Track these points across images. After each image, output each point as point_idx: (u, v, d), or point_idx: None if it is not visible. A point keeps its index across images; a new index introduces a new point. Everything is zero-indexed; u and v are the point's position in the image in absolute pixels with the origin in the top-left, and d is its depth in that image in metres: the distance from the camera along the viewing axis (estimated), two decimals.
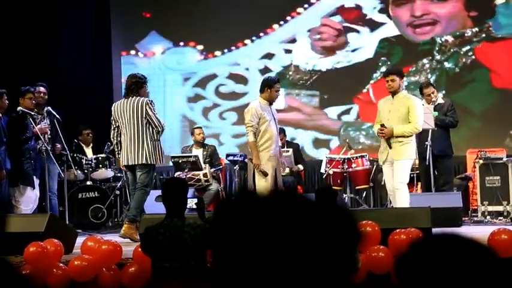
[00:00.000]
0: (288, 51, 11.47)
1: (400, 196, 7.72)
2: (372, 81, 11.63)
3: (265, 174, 8.12)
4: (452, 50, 11.40)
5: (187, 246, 4.65)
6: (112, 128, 8.32)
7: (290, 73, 11.67)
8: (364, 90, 11.63)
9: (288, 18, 11.42)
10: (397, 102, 7.90)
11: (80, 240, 6.94)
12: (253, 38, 11.38)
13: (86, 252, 6.18)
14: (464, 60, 11.35)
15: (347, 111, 11.68)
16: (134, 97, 8.13)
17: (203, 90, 11.57)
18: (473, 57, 11.28)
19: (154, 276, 4.79)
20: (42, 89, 9.11)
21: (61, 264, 6.13)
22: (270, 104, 8.36)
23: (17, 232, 6.78)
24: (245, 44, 11.43)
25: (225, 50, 11.48)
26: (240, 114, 10.86)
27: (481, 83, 11.33)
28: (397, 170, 7.80)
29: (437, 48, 11.42)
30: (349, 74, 11.65)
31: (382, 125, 7.84)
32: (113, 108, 8.27)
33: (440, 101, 9.59)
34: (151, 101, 8.20)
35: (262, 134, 8.26)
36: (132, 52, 11.71)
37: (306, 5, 11.45)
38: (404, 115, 7.84)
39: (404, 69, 11.00)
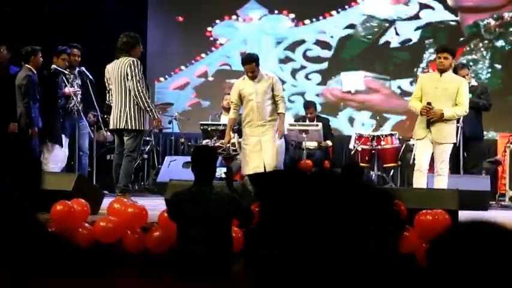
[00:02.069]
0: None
1: (442, 182, 7.63)
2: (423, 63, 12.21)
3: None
4: (497, 31, 11.88)
5: (213, 214, 4.66)
6: (107, 90, 8.08)
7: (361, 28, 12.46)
8: (424, 69, 12.10)
9: None
10: (446, 80, 7.70)
11: (106, 201, 6.99)
12: (339, 9, 12.53)
13: (112, 214, 6.22)
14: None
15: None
16: (124, 58, 7.82)
17: (292, 53, 12.67)
18: None
19: (179, 242, 4.81)
20: (76, 50, 9.20)
21: (87, 224, 6.18)
22: (253, 79, 8.32)
23: (44, 189, 6.83)
24: (331, 15, 12.59)
25: (314, 19, 12.64)
26: (323, 76, 12.47)
27: None
28: (441, 154, 7.67)
29: (483, 30, 11.92)
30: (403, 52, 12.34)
31: (429, 103, 7.62)
32: (106, 70, 8.00)
33: (474, 83, 9.52)
34: (135, 62, 7.82)
35: (244, 109, 8.34)
36: (234, 17, 12.83)
37: None
38: (452, 94, 7.64)
39: (459, 50, 11.46)
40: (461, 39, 11.97)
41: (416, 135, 7.86)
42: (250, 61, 8.34)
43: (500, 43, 11.85)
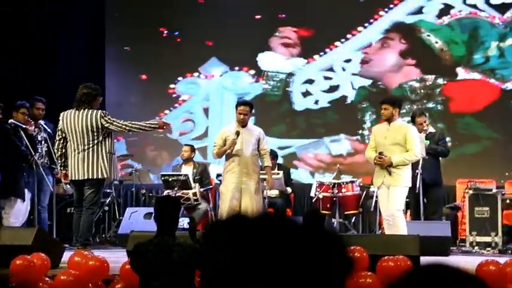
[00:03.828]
0: (328, 78, 12.70)
1: (398, 224, 7.71)
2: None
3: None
4: (423, 92, 12.30)
5: (176, 265, 4.63)
6: (58, 138, 7.94)
7: None
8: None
9: (327, 50, 12.69)
10: (393, 129, 7.94)
11: (67, 255, 6.91)
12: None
13: (73, 268, 6.14)
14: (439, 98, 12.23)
15: None
16: (86, 110, 7.76)
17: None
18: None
19: None
20: (40, 104, 9.14)
21: (47, 279, 6.09)
22: (243, 126, 8.42)
23: (4, 244, 6.74)
24: None
25: None
26: (284, 128, 12.70)
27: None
28: (394, 198, 7.79)
29: (409, 92, 12.32)
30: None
31: (381, 153, 7.85)
32: (61, 119, 7.87)
33: (432, 130, 9.65)
34: (105, 112, 7.87)
35: (227, 156, 8.39)
36: (196, 74, 13.07)
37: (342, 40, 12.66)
38: (400, 142, 7.87)
39: None
40: None
41: (375, 184, 8.13)
42: (246, 104, 8.58)
43: (430, 104, 12.16)
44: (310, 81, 12.64)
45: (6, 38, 11.55)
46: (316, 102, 12.57)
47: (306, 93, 12.65)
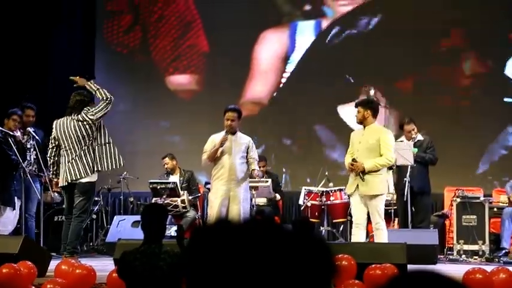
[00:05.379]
0: None
1: (381, 236, 7.60)
2: None
3: None
4: None
5: (163, 273, 4.61)
6: (51, 146, 7.95)
7: None
8: None
9: None
10: (368, 133, 7.70)
11: (54, 263, 6.88)
12: None
13: (60, 276, 6.12)
14: None
15: None
16: (78, 115, 7.78)
17: None
18: None
19: None
20: (30, 111, 9.11)
21: (34, 287, 6.06)
22: (232, 133, 8.37)
23: None
24: None
25: None
26: None
27: None
28: (373, 210, 7.59)
29: None
30: None
31: (354, 160, 7.64)
32: (54, 126, 7.88)
33: (420, 137, 9.64)
34: (88, 108, 7.80)
35: (215, 163, 8.34)
36: None
37: None
38: (373, 146, 7.62)
39: None
40: None
41: (347, 191, 7.95)
42: (234, 110, 8.43)
43: None
44: None
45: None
46: None
47: None
